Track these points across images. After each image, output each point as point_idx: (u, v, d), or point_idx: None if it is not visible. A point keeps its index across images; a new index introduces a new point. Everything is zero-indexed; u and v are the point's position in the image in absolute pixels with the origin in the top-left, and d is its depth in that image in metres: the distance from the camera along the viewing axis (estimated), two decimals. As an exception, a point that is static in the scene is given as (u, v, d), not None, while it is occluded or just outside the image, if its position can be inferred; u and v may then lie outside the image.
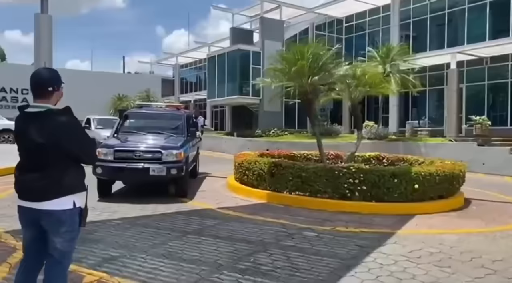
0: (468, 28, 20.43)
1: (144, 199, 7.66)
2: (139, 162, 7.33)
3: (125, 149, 7.54)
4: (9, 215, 5.78)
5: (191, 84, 40.36)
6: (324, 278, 3.92)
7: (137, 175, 7.45)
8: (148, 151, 7.50)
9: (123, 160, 7.32)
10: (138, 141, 8.00)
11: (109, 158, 7.27)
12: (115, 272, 3.90)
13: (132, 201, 7.46)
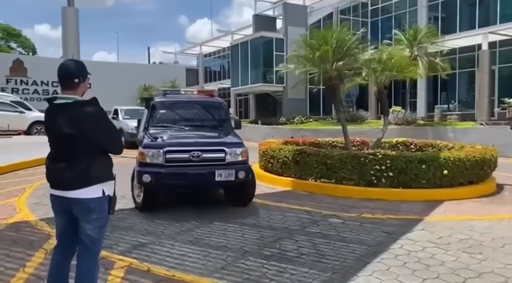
0: (501, 7, 19.53)
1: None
2: (199, 165, 5.75)
3: (180, 149, 5.76)
4: (44, 204, 6.03)
5: (215, 73, 40.49)
6: (350, 264, 3.91)
7: (199, 182, 5.86)
8: (209, 150, 5.85)
9: (177, 163, 5.69)
10: (187, 137, 6.22)
11: (159, 161, 5.62)
12: (144, 258, 4.01)
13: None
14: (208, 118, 7.18)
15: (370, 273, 3.68)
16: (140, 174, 5.61)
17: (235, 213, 5.92)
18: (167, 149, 5.70)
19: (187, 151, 5.74)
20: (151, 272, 3.66)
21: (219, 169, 5.73)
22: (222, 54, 38.55)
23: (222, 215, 5.77)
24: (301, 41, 9.14)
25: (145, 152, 5.75)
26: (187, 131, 6.61)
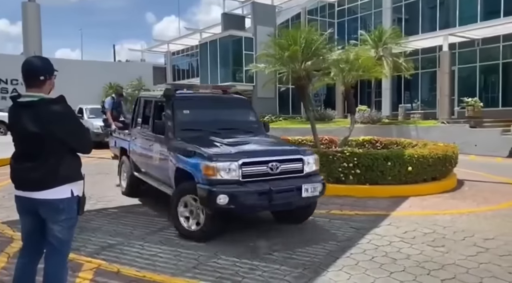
0: (460, 10, 20.39)
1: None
2: (280, 179, 4.64)
3: (257, 159, 4.61)
4: (5, 206, 5.79)
5: (183, 72, 40.04)
6: (321, 260, 3.99)
7: (287, 200, 4.64)
8: (287, 160, 4.76)
9: (256, 178, 4.52)
10: (248, 144, 5.14)
11: (234, 176, 4.39)
12: (113, 259, 3.93)
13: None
14: (239, 119, 6.13)
15: (340, 268, 3.77)
16: (214, 195, 4.20)
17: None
18: (244, 160, 4.46)
19: (264, 163, 4.58)
20: (121, 273, 3.59)
21: (304, 182, 4.67)
22: (190, 52, 38.18)
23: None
24: (270, 40, 9.21)
25: (215, 166, 4.33)
26: (231, 136, 5.34)
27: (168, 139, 5.27)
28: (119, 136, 7.75)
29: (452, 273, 3.67)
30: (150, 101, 6.43)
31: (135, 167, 6.57)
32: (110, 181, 8.29)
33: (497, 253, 4.20)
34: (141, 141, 6.33)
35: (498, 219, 5.56)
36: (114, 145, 8.07)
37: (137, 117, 6.74)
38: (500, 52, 19.22)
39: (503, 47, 19.07)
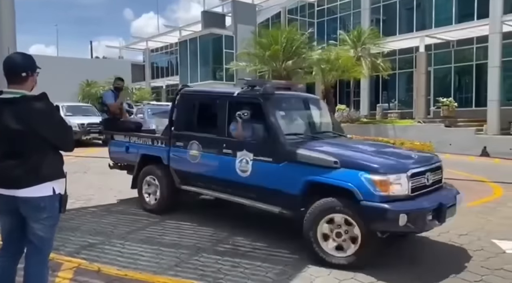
0: (436, 12, 20.90)
1: (118, 186, 7.58)
2: (434, 191, 4.08)
3: (420, 170, 3.96)
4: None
5: (162, 69, 39.59)
6: (301, 256, 4.03)
7: (451, 215, 3.99)
8: (433, 169, 4.15)
9: (418, 191, 3.87)
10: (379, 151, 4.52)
11: (404, 189, 3.73)
12: (94, 258, 3.89)
13: (107, 188, 7.38)
14: (324, 121, 5.67)
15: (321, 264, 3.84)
16: (394, 215, 3.51)
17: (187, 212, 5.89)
18: (412, 171, 3.82)
19: (423, 173, 3.97)
20: (101, 272, 3.56)
21: (456, 194, 4.19)
22: (169, 49, 37.79)
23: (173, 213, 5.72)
24: (252, 39, 9.26)
25: (388, 179, 3.65)
26: (339, 141, 4.96)
27: (276, 146, 4.32)
28: (138, 141, 6.00)
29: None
30: (218, 99, 5.19)
31: (183, 179, 5.31)
32: (89, 180, 8.18)
33: (471, 248, 4.36)
34: (201, 148, 5.05)
35: (471, 216, 5.75)
36: (124, 151, 6.18)
37: (182, 118, 5.46)
38: (474, 54, 19.81)
39: (476, 49, 19.64)
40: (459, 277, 3.59)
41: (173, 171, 5.40)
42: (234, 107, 4.82)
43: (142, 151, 5.86)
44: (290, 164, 4.16)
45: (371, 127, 16.31)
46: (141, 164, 5.84)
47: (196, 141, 5.15)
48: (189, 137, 5.24)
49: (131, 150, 6.07)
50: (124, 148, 6.19)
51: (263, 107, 4.57)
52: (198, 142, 5.12)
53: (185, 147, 5.23)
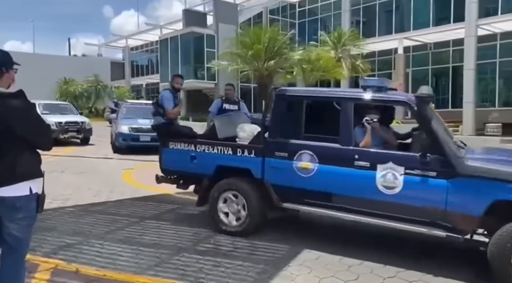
0: (414, 15, 21.35)
1: (97, 186, 7.47)
2: None
3: None
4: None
5: (142, 68, 39.18)
6: (283, 255, 4.06)
7: None
8: None
9: None
10: None
11: None
12: (72, 259, 3.82)
13: (85, 188, 7.25)
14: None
15: (301, 263, 3.87)
16: None
17: (167, 211, 5.84)
18: None
19: None
20: (80, 273, 3.50)
21: None
22: (150, 48, 37.42)
23: (154, 213, 5.67)
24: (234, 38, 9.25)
25: None
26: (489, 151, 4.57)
27: (444, 159, 3.67)
28: (211, 150, 4.89)
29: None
30: (341, 102, 4.41)
31: (285, 196, 4.47)
32: (66, 179, 8.02)
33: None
34: (317, 159, 4.24)
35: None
36: (188, 162, 5.00)
37: (283, 124, 4.62)
38: (450, 56, 20.32)
39: (452, 52, 20.16)
40: (435, 274, 3.67)
41: (269, 186, 4.48)
42: (363, 111, 4.35)
43: (219, 162, 4.78)
44: (466, 179, 3.56)
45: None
46: (216, 177, 4.80)
47: (308, 151, 4.30)
48: (297, 146, 4.39)
49: (199, 160, 4.93)
50: (186, 157, 5.01)
51: (419, 112, 3.93)
52: (311, 153, 4.27)
53: (290, 158, 4.35)
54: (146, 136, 11.73)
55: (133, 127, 12.25)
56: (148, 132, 11.30)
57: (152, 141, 11.17)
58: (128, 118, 12.90)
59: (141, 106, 14.11)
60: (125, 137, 12.21)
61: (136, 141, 12.05)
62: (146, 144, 11.73)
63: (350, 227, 4.97)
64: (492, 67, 19.14)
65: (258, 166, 4.53)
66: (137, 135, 12.08)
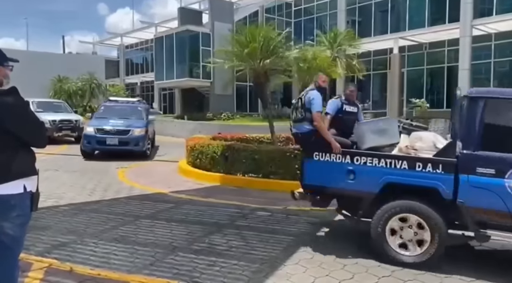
0: (410, 15, 21.41)
1: (92, 184, 7.43)
2: None
3: None
4: None
5: (137, 66, 38.99)
6: (278, 255, 4.06)
7: None
8: None
9: None
10: None
11: None
12: (66, 258, 3.79)
13: (79, 187, 7.21)
14: None
15: (297, 262, 3.87)
16: None
17: (162, 210, 5.82)
18: None
19: None
20: (74, 272, 3.47)
21: None
22: (145, 46, 37.26)
23: (148, 212, 5.64)
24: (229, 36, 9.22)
25: None
26: None
27: None
28: (375, 163, 4.09)
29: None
30: None
31: (486, 222, 3.75)
32: (60, 178, 7.97)
33: None
34: None
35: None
36: (343, 177, 4.20)
37: (488, 133, 3.76)
38: (445, 56, 20.41)
39: (448, 52, 20.25)
40: (430, 273, 3.68)
41: (466, 209, 3.73)
42: None
43: (389, 178, 3.99)
44: None
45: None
46: (384, 196, 4.01)
47: None
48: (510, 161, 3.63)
49: (359, 175, 4.14)
50: (340, 172, 4.22)
51: None
52: None
53: (500, 175, 3.61)
54: (113, 139, 10.79)
55: (99, 129, 10.92)
56: (116, 134, 10.80)
57: (120, 145, 10.76)
58: (100, 119, 11.71)
59: (122, 105, 13.24)
60: (90, 140, 10.87)
61: (102, 144, 10.83)
62: (113, 148, 10.88)
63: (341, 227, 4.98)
64: (486, 67, 19.25)
65: (450, 184, 3.76)
66: (103, 137, 10.78)
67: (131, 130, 10.88)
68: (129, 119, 11.59)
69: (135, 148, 10.84)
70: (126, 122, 11.25)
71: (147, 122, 11.78)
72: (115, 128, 10.84)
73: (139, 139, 10.89)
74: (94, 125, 11.14)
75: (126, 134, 10.82)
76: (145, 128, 11.21)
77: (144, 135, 11.02)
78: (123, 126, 10.99)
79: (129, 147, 10.80)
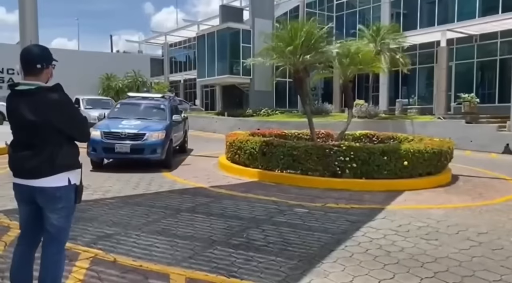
0: (459, 5, 20.36)
1: (136, 178, 7.69)
2: None
3: None
4: (1, 195, 5.78)
5: (180, 64, 39.82)
6: (315, 252, 4.02)
7: None
8: None
9: None
10: None
11: None
12: (110, 249, 3.95)
13: (125, 180, 7.49)
14: None
15: (335, 260, 3.81)
16: None
17: (202, 204, 5.93)
18: None
19: None
20: (117, 263, 3.62)
21: None
22: (188, 44, 37.97)
23: (189, 206, 5.77)
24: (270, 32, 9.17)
25: None
26: None
27: None
28: None
29: (445, 266, 3.72)
30: None
31: None
32: (107, 172, 8.31)
33: (490, 247, 4.25)
34: None
35: (492, 214, 5.62)
36: None
37: None
38: (498, 49, 19.24)
39: (500, 43, 19.09)
40: (477, 276, 3.51)
41: None
42: None
43: None
44: None
45: (389, 123, 16.05)
46: None
47: None
48: None
49: None
50: None
51: None
52: None
53: None
54: (123, 145, 8.44)
55: (106, 132, 8.57)
56: (128, 139, 8.51)
57: (133, 153, 8.50)
58: (113, 119, 9.50)
59: (142, 103, 10.77)
60: (95, 146, 8.42)
61: (110, 152, 8.56)
62: (124, 156, 8.65)
63: (381, 225, 4.83)
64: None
65: None
66: (111, 143, 8.44)
67: (146, 134, 8.62)
68: (147, 120, 9.45)
69: (152, 156, 8.67)
70: (142, 124, 9.04)
71: (169, 124, 9.50)
72: (126, 132, 8.58)
73: (156, 145, 8.64)
74: (102, 127, 8.81)
75: (140, 139, 8.57)
76: (165, 131, 8.93)
77: (163, 140, 8.76)
78: (137, 129, 8.74)
79: (144, 155, 8.62)
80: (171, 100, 10.80)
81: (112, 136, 8.54)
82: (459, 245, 4.28)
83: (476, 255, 3.99)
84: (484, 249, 4.19)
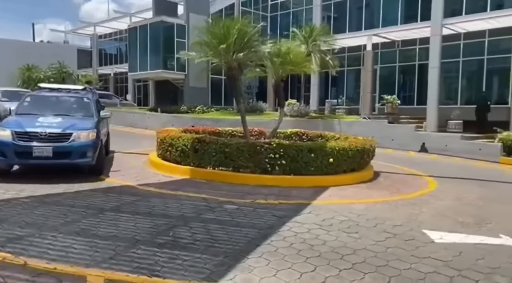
0: (383, 12, 21.68)
1: (54, 178, 7.19)
2: None
3: None
4: None
5: (110, 56, 38.04)
6: (242, 248, 4.05)
7: None
8: None
9: None
10: None
11: None
12: (21, 251, 3.66)
13: (41, 180, 6.97)
14: None
15: (260, 255, 3.86)
16: None
17: (127, 203, 5.71)
18: None
19: None
20: (28, 266, 3.35)
21: None
22: (119, 36, 36.39)
23: (113, 205, 5.52)
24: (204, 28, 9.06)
25: None
26: None
27: None
28: None
29: (363, 257, 3.94)
30: None
31: None
32: (23, 169, 7.69)
33: (403, 238, 4.58)
34: None
35: (407, 207, 6.06)
36: None
37: None
38: (417, 54, 20.81)
39: (419, 50, 20.63)
40: (390, 266, 3.75)
41: None
42: None
43: None
44: None
45: (319, 122, 16.68)
46: None
47: None
48: None
49: None
50: None
51: None
52: None
53: None
54: (45, 149, 6.83)
55: (20, 132, 6.89)
56: (51, 140, 6.90)
57: (56, 157, 6.91)
58: (24, 116, 7.68)
59: (59, 95, 8.79)
60: (4, 150, 6.82)
61: (26, 157, 6.85)
62: (45, 162, 6.95)
63: (306, 220, 5.00)
64: (455, 66, 19.75)
65: None
66: (27, 146, 6.79)
67: (73, 133, 7.09)
68: (70, 117, 7.83)
69: (82, 161, 7.17)
70: (65, 122, 7.42)
71: (98, 121, 8.01)
72: (47, 131, 6.94)
73: (87, 147, 7.16)
74: (12, 126, 7.07)
75: (66, 141, 7.02)
76: (95, 130, 7.48)
77: (94, 141, 7.29)
78: (60, 128, 7.15)
79: (72, 159, 7.08)
80: (94, 93, 9.57)
81: (27, 137, 6.85)
82: (376, 237, 4.56)
83: (390, 246, 4.27)
84: (398, 240, 4.50)
